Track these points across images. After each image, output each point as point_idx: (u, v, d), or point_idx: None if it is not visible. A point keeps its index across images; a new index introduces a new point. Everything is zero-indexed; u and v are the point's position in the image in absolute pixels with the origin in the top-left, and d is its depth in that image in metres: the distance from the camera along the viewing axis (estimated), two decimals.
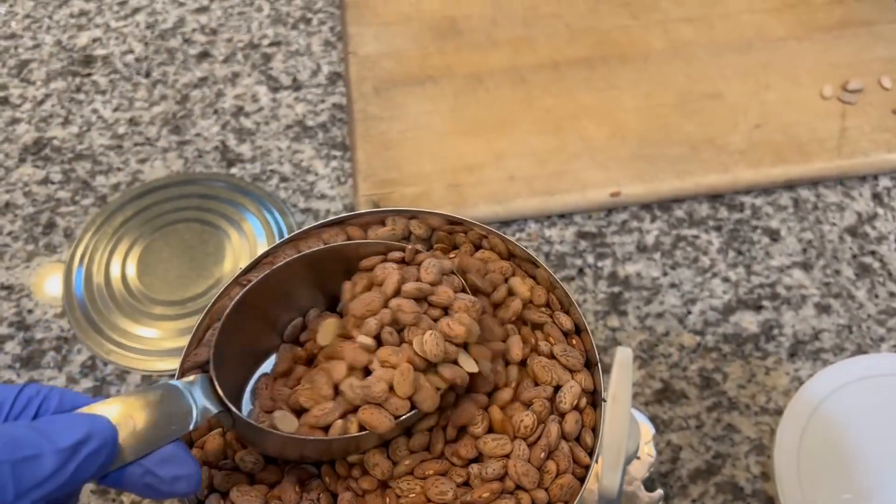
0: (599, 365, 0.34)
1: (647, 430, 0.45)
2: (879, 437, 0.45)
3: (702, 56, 0.63)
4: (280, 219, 0.57)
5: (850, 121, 0.59)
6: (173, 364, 0.51)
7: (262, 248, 0.56)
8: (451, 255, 0.38)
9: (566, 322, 0.36)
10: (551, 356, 0.35)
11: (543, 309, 0.37)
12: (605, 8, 0.66)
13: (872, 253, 0.55)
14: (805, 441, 0.45)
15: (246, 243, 0.56)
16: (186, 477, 0.27)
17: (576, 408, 0.34)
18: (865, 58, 0.62)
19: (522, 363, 0.35)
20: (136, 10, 0.71)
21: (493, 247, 0.38)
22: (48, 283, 0.56)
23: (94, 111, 0.64)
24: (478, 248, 0.39)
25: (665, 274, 0.54)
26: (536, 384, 0.35)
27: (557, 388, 0.34)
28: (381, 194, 0.57)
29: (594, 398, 0.35)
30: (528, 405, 0.34)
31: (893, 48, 0.63)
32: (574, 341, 0.36)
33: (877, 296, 0.53)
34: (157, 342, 0.52)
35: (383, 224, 0.38)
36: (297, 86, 0.65)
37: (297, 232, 0.38)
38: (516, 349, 0.35)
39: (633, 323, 0.52)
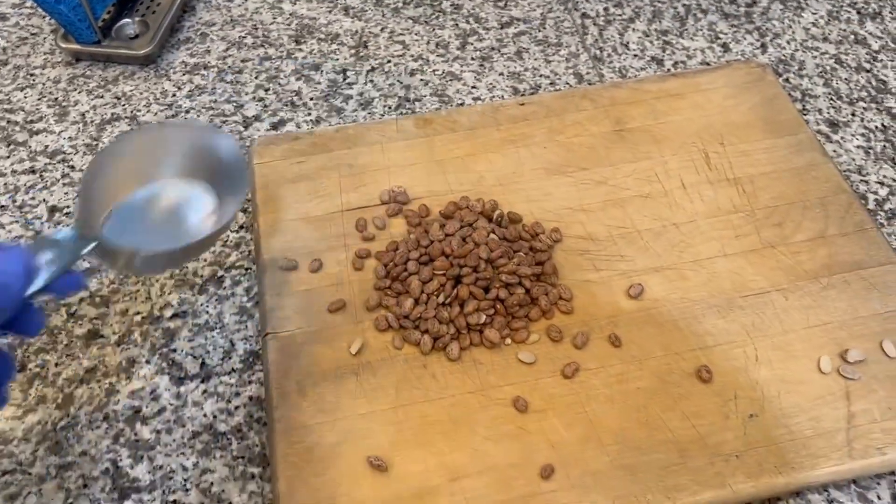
0: None
1: None
2: None
3: (677, 318, 0.55)
4: None
5: (856, 403, 0.51)
6: None
7: None
8: None
9: None
10: None
11: None
12: (565, 255, 0.58)
13: None
14: None
15: None
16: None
17: None
18: (862, 314, 0.55)
19: None
20: None
21: None
22: None
23: None
24: None
25: None
26: None
27: None
28: None
29: None
30: None
31: (890, 300, 0.55)
32: None
33: None
34: None
35: None
36: (206, 374, 0.55)
37: None
38: None
39: None
